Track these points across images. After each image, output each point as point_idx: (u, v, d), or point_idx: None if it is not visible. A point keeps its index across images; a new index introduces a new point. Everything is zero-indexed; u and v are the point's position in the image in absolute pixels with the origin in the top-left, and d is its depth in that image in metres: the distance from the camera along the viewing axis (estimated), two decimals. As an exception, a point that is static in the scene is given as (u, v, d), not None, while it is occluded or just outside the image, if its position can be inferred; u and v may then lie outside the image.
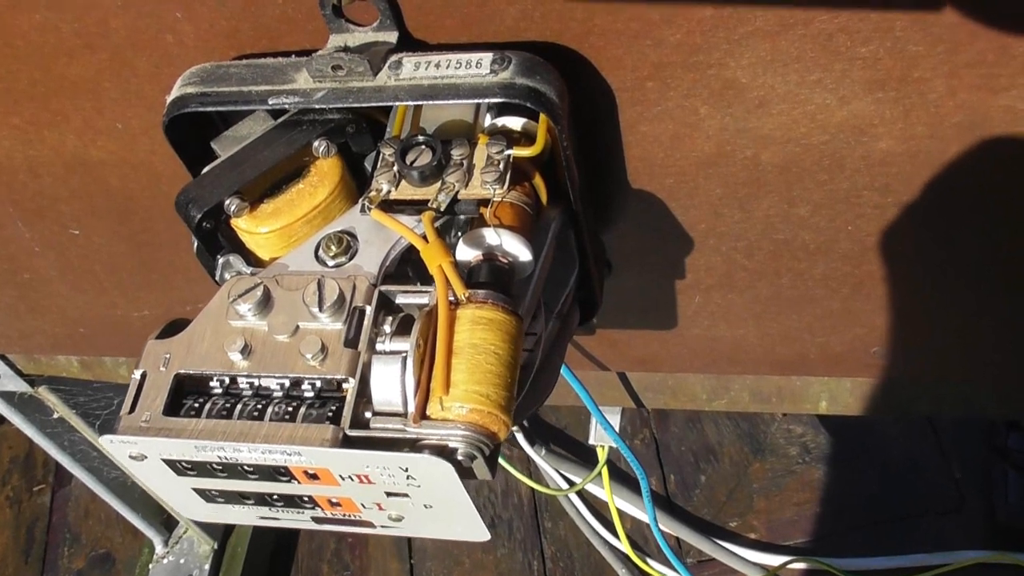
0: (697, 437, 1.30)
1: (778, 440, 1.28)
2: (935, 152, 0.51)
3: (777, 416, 1.30)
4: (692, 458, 1.29)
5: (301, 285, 0.44)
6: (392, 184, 0.46)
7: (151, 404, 0.43)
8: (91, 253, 0.68)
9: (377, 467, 0.41)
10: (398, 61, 0.46)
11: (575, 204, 0.50)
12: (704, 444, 1.29)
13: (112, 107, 0.55)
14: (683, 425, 1.31)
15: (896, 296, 0.63)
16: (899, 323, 0.66)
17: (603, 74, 0.50)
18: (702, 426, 1.31)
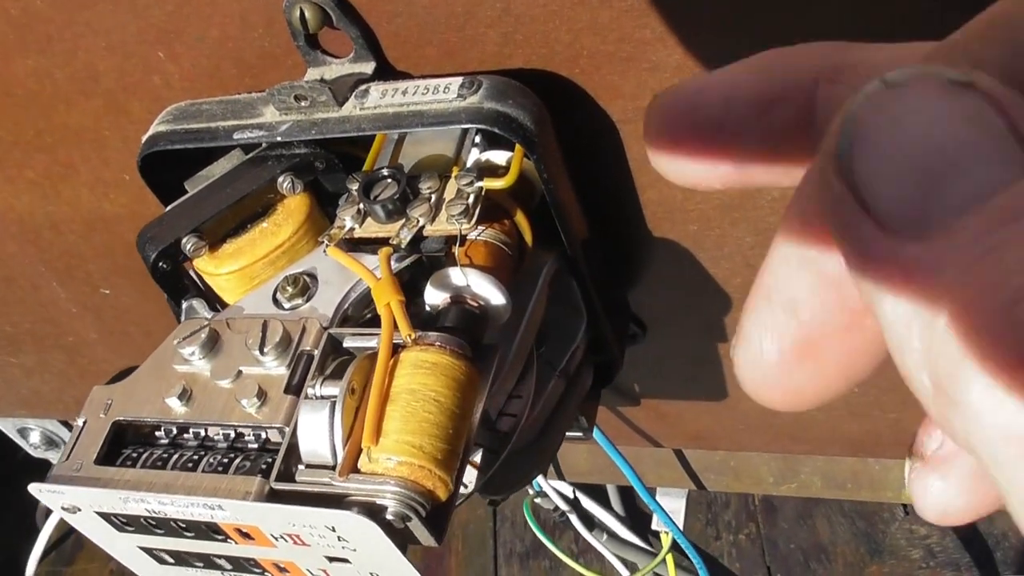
0: (808, 534, 1.20)
1: (899, 541, 1.17)
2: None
3: (898, 515, 1.18)
4: (802, 557, 1.18)
5: (249, 328, 0.41)
6: (356, 221, 0.42)
7: (86, 453, 0.40)
8: (123, 314, 0.68)
9: (303, 525, 0.36)
10: (365, 90, 0.43)
11: (569, 247, 0.45)
12: (815, 542, 1.19)
13: (117, 157, 0.54)
14: (793, 520, 1.21)
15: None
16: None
17: (601, 104, 0.45)
18: (814, 522, 1.20)
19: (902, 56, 0.19)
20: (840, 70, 0.19)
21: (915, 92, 0.15)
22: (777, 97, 0.20)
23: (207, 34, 0.46)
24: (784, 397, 0.19)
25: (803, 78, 0.19)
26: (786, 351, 0.18)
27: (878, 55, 0.19)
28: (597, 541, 1.02)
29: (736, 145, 0.20)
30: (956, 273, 0.14)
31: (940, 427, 0.15)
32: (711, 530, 1.23)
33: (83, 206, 0.59)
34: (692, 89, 0.21)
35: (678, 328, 0.58)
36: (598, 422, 0.62)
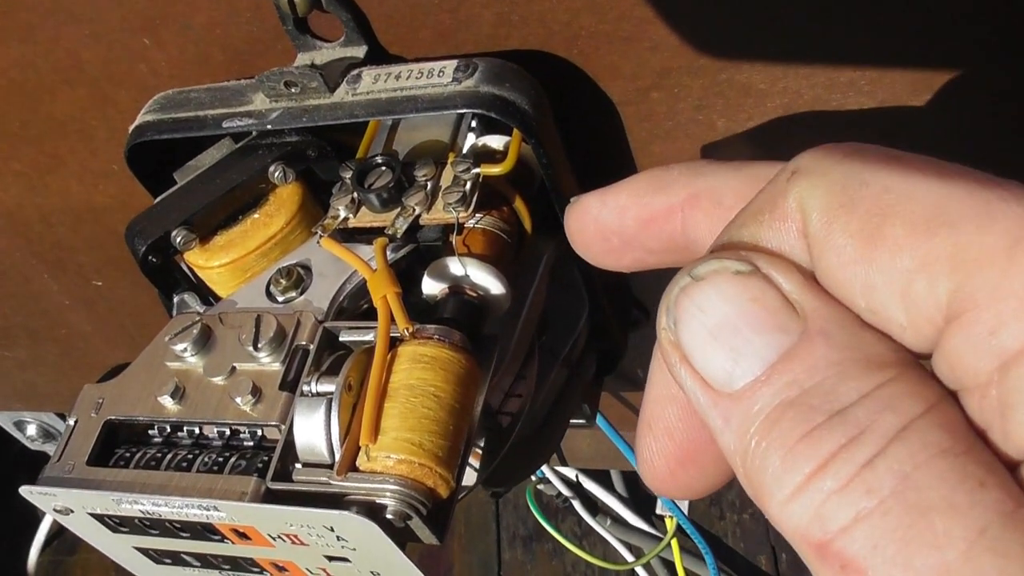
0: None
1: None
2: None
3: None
4: (807, 536, 1.17)
5: (243, 322, 0.40)
6: (351, 210, 0.41)
7: (77, 453, 0.39)
8: (117, 306, 0.66)
9: (301, 525, 0.35)
10: (357, 75, 0.42)
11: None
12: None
13: (104, 147, 0.53)
14: (798, 500, 1.20)
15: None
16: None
17: (601, 86, 0.44)
18: (819, 501, 1.20)
19: (743, 183, 0.24)
20: (697, 196, 0.25)
21: (712, 284, 0.21)
22: (655, 217, 0.25)
23: (193, 20, 0.45)
24: (680, 493, 0.25)
25: (672, 201, 0.25)
26: (671, 464, 0.24)
27: (726, 184, 0.24)
28: (601, 526, 1.02)
29: (632, 248, 0.26)
30: (744, 426, 0.20)
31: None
32: (715, 510, 1.22)
33: (72, 198, 0.57)
34: (594, 205, 0.27)
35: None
36: (601, 408, 0.61)
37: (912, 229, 0.19)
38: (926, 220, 0.19)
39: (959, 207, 0.19)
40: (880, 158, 0.20)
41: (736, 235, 0.22)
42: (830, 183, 0.20)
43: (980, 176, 0.19)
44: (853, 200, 0.20)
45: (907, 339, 0.20)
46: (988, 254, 0.18)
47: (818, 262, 0.21)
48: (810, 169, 0.21)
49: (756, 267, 0.21)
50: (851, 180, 0.20)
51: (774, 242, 0.21)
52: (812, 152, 0.21)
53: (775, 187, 0.21)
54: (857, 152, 0.21)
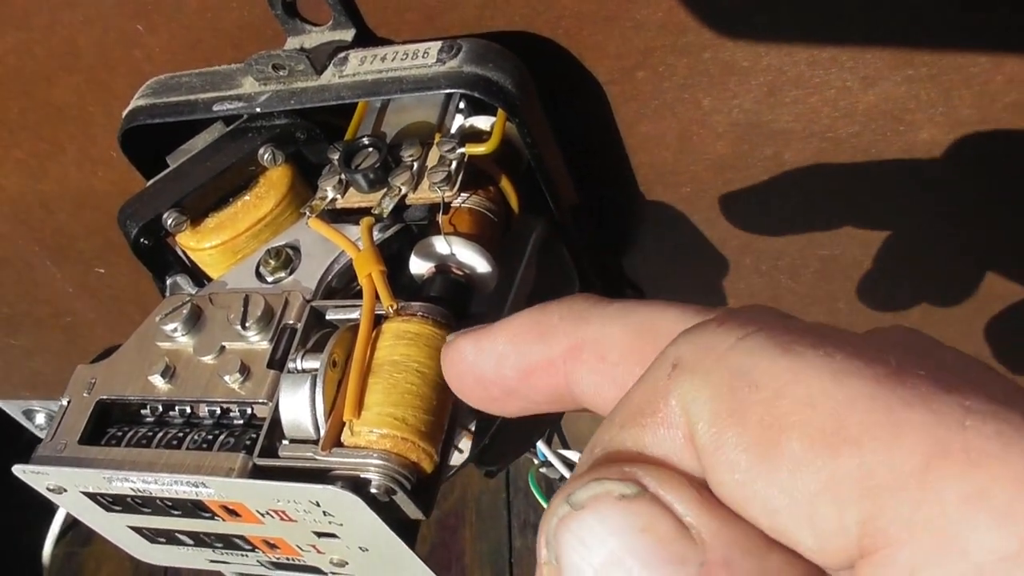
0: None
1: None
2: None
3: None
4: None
5: (231, 302, 0.40)
6: (338, 191, 0.42)
7: (70, 432, 0.40)
8: (119, 292, 0.67)
9: (288, 501, 0.36)
10: (344, 57, 0.42)
11: (557, 213, 0.44)
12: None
13: (102, 133, 0.54)
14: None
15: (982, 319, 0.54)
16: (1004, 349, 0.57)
17: (586, 65, 0.44)
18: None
19: (629, 337, 0.22)
20: (579, 349, 0.23)
21: (594, 513, 0.18)
22: (534, 369, 0.23)
23: (185, 5, 0.45)
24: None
25: (552, 353, 0.23)
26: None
27: (610, 337, 0.22)
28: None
29: (516, 398, 0.25)
30: None
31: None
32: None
33: (71, 184, 0.58)
34: (469, 351, 0.25)
35: (674, 292, 0.57)
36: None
37: (811, 444, 0.17)
38: (826, 434, 0.17)
39: (861, 418, 0.17)
40: (771, 347, 0.18)
41: (618, 439, 0.19)
42: (716, 385, 0.18)
43: (882, 368, 0.17)
44: (743, 407, 0.18)
45: (820, 560, 0.17)
46: (898, 479, 0.16)
47: (711, 474, 0.18)
48: (692, 365, 0.19)
49: (643, 487, 0.18)
50: (739, 382, 0.18)
51: (660, 448, 0.19)
52: (692, 340, 0.19)
53: (655, 384, 0.19)
54: (744, 339, 0.18)
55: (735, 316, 0.19)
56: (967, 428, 0.16)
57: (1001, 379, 0.18)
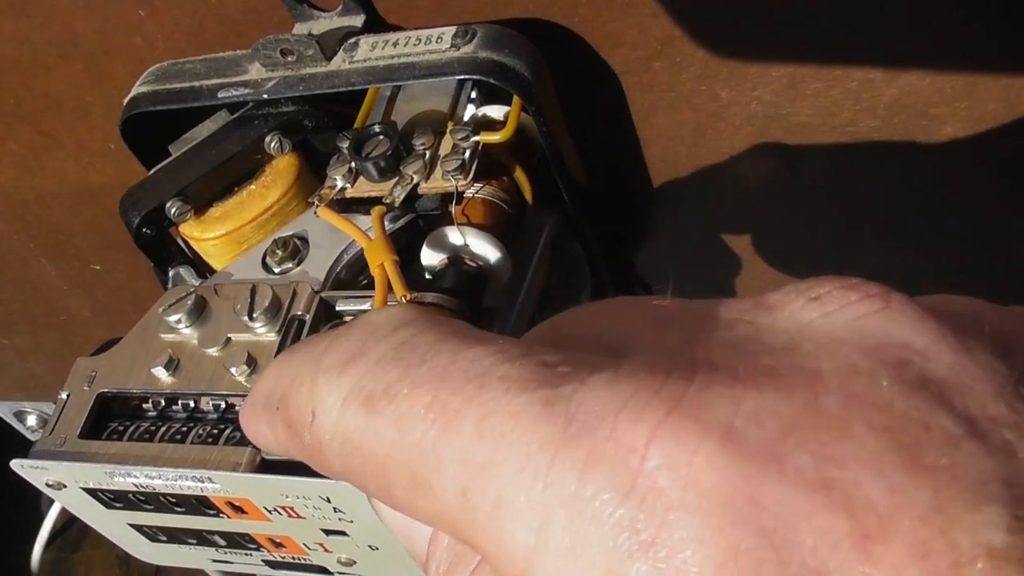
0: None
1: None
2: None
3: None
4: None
5: (238, 293, 0.39)
6: (348, 180, 0.41)
7: (69, 426, 0.38)
8: (116, 290, 0.66)
9: (297, 496, 0.34)
10: (354, 43, 0.41)
11: (571, 205, 0.43)
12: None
13: (101, 125, 0.53)
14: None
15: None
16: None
17: (602, 55, 0.43)
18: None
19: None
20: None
21: None
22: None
23: (189, -10, 0.44)
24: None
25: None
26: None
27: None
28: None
29: None
30: None
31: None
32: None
33: (69, 178, 0.57)
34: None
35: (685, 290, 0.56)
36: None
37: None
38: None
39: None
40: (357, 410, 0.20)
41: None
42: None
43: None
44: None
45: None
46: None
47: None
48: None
49: None
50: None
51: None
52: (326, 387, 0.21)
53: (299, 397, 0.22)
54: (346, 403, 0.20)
55: (349, 359, 0.21)
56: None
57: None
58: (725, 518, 0.15)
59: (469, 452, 0.17)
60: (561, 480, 0.16)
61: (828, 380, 0.16)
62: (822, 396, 0.16)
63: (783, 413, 0.16)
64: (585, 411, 0.16)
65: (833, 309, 0.17)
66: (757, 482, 0.15)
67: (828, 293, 0.18)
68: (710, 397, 0.16)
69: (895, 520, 0.14)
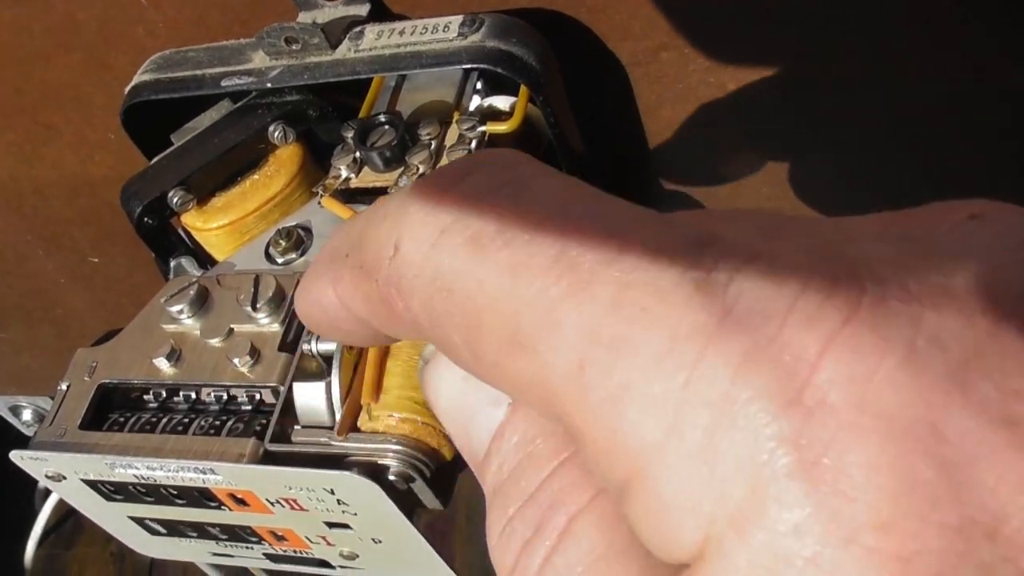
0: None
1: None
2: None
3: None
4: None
5: (241, 284, 0.38)
6: (352, 170, 0.40)
7: (70, 417, 0.38)
8: (114, 283, 0.65)
9: (301, 488, 0.34)
10: (360, 31, 0.41)
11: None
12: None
13: (100, 115, 0.52)
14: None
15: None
16: None
17: (609, 46, 0.43)
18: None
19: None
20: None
21: (435, 366, 0.21)
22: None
23: (191, -22, 0.44)
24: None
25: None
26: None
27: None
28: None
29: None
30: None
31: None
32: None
33: (67, 169, 0.56)
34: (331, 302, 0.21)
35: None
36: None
37: (500, 347, 0.17)
38: (503, 340, 0.17)
39: (531, 321, 0.17)
40: (462, 245, 0.17)
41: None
42: (425, 299, 0.18)
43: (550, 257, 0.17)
44: (443, 322, 0.18)
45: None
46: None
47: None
48: (407, 264, 0.18)
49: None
50: (437, 290, 0.18)
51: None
52: (407, 223, 0.18)
53: (378, 264, 0.19)
54: (442, 236, 0.18)
55: (449, 191, 0.18)
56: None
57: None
58: (904, 445, 0.13)
59: (600, 323, 0.15)
60: (711, 375, 0.14)
61: (1007, 307, 0.15)
62: (1004, 323, 0.14)
63: (967, 337, 0.14)
64: (745, 304, 0.14)
65: (999, 231, 0.16)
66: (941, 410, 0.14)
67: (991, 212, 0.16)
68: (888, 311, 0.14)
69: None
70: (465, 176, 0.18)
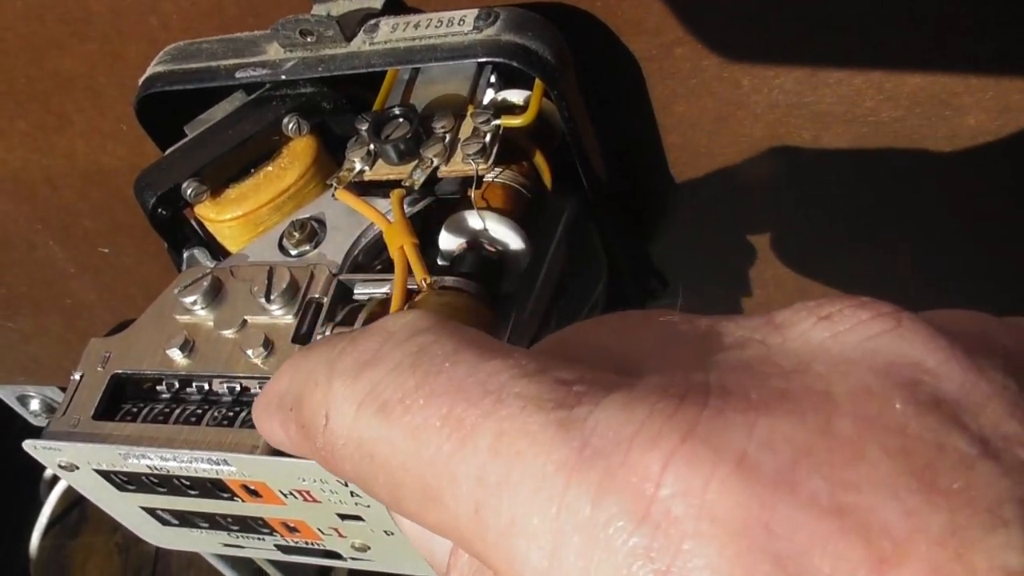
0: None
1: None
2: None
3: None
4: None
5: (254, 275, 0.38)
6: (366, 163, 0.40)
7: (83, 407, 0.38)
8: (123, 274, 0.65)
9: (314, 480, 0.34)
10: (375, 24, 0.41)
11: (590, 191, 0.43)
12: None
13: (112, 105, 0.52)
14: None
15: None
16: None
17: (623, 40, 0.43)
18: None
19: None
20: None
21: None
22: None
23: (206, -31, 0.44)
24: None
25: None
26: None
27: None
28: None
29: None
30: None
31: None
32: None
33: (79, 159, 0.56)
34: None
35: (699, 281, 0.55)
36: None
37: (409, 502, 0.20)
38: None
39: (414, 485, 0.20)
40: (371, 411, 0.20)
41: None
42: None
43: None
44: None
45: None
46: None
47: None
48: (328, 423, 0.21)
49: None
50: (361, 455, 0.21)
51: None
52: (339, 383, 0.21)
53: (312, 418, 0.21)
54: (362, 406, 0.20)
55: (366, 364, 0.20)
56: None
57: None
58: (740, 546, 0.15)
59: (484, 469, 0.17)
60: (576, 504, 0.16)
61: (841, 403, 0.16)
62: (835, 419, 0.16)
63: (796, 438, 0.16)
64: (599, 435, 0.16)
65: (844, 329, 0.17)
66: (771, 509, 0.15)
67: (839, 312, 0.18)
68: (723, 423, 0.16)
69: (911, 544, 0.14)
70: (379, 346, 0.20)
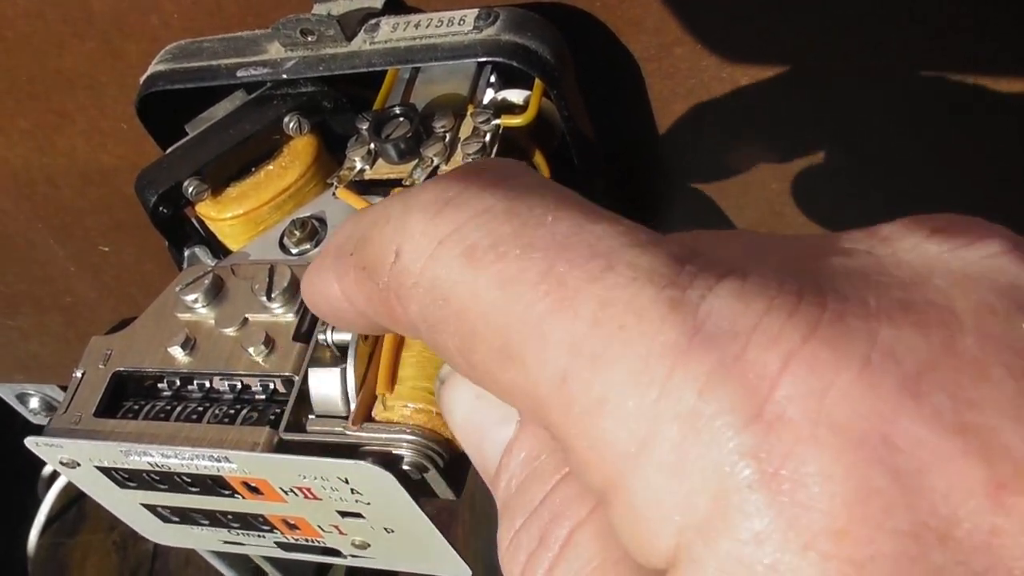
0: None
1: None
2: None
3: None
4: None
5: (255, 273, 0.39)
6: (367, 162, 0.40)
7: (84, 405, 0.38)
8: (123, 272, 0.65)
9: (315, 477, 0.34)
10: (375, 24, 0.41)
11: (589, 190, 0.43)
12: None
13: (113, 104, 0.52)
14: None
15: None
16: None
17: (623, 40, 0.43)
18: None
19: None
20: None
21: (451, 386, 0.22)
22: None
23: (207, -31, 0.44)
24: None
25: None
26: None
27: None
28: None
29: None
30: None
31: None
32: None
33: (79, 157, 0.56)
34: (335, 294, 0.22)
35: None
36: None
37: (489, 358, 0.19)
38: (494, 350, 0.18)
39: (519, 334, 0.18)
40: (457, 257, 0.18)
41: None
42: (422, 307, 0.19)
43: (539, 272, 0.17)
44: (438, 329, 0.20)
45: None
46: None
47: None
48: (406, 271, 0.19)
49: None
50: (432, 299, 0.19)
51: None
52: (409, 232, 0.19)
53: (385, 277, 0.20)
54: (440, 246, 0.19)
55: (449, 201, 0.18)
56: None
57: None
58: (858, 456, 0.14)
59: (581, 339, 0.16)
60: (679, 392, 0.15)
61: (964, 319, 0.15)
62: (959, 335, 0.15)
63: (920, 350, 0.15)
64: (714, 323, 0.15)
65: (960, 244, 0.16)
66: (893, 421, 0.14)
67: (953, 227, 0.17)
68: (845, 327, 0.15)
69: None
70: (465, 186, 0.18)
